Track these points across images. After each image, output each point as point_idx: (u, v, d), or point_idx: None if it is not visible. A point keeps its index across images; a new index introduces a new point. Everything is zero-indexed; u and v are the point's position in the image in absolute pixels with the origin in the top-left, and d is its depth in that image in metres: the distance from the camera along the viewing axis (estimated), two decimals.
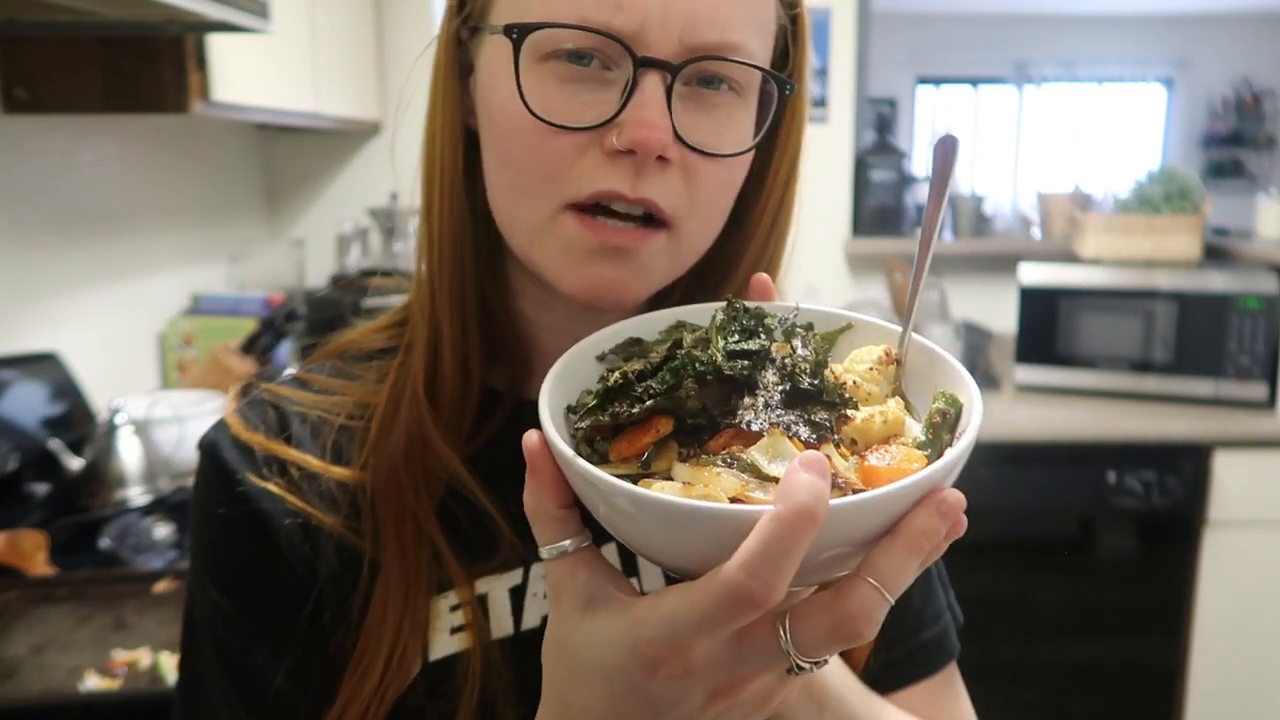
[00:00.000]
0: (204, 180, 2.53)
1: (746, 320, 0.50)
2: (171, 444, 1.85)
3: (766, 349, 0.48)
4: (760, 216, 0.63)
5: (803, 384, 0.46)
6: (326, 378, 0.66)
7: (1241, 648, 2.45)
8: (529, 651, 0.58)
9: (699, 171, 0.55)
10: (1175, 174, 2.76)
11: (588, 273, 0.55)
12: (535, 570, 0.61)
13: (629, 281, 0.55)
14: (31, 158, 1.86)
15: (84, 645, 1.27)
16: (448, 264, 0.61)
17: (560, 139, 0.53)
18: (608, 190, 0.53)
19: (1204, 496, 2.39)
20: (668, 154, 0.53)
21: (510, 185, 0.56)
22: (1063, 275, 2.65)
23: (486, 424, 0.63)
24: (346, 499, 0.61)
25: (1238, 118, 7.18)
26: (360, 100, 2.61)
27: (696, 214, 0.56)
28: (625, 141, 0.52)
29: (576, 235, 0.54)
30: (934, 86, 7.41)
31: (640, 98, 0.52)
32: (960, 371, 0.48)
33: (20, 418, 1.72)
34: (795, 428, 0.45)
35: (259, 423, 0.63)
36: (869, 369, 0.48)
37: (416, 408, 0.61)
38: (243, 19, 1.55)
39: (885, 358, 0.49)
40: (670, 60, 0.52)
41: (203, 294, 2.43)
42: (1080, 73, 7.19)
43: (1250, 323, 2.46)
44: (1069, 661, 2.53)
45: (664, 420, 0.46)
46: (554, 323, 0.64)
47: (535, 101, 0.53)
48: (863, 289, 3.09)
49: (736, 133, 0.56)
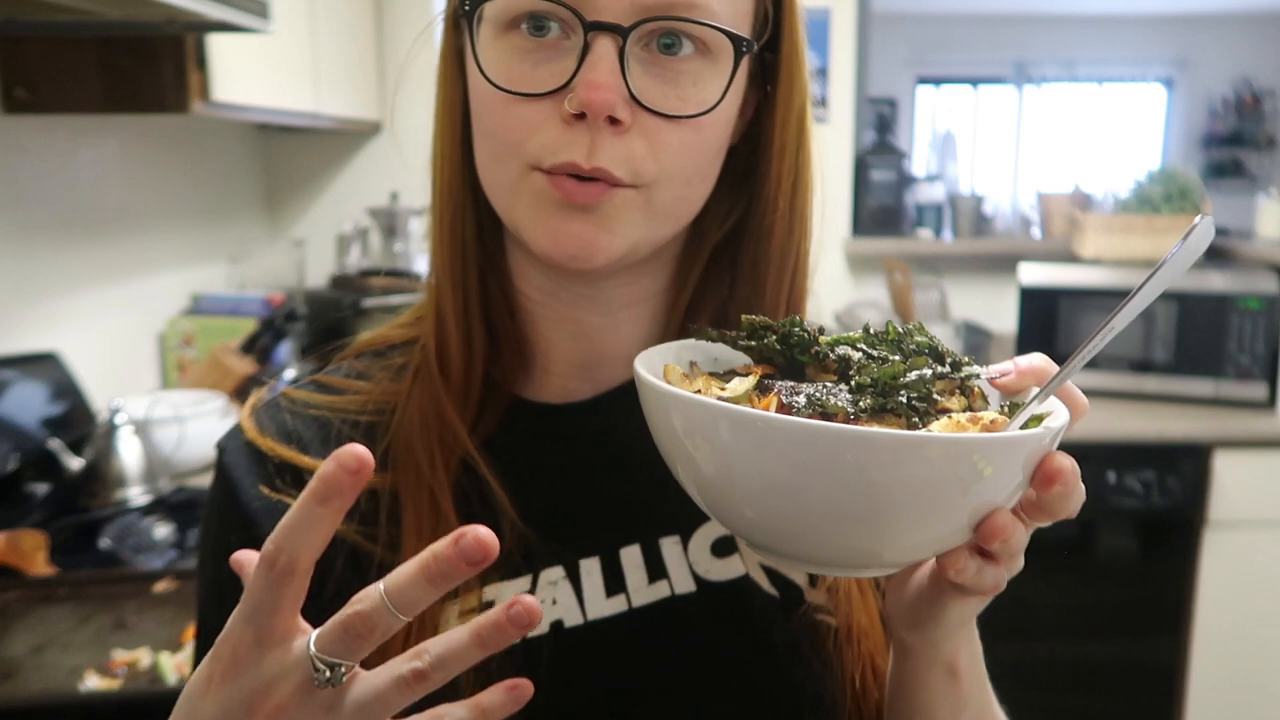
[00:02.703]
0: (204, 180, 2.53)
1: (910, 345, 0.52)
2: (171, 444, 1.85)
3: (889, 362, 0.49)
4: (778, 182, 0.62)
5: (888, 394, 0.47)
6: (343, 379, 0.66)
7: (1241, 648, 2.45)
8: (533, 658, 0.58)
9: (661, 134, 0.54)
10: (1175, 174, 2.76)
11: (555, 227, 0.55)
12: (544, 576, 0.61)
13: (597, 236, 0.55)
14: (31, 158, 1.86)
15: (84, 645, 1.27)
16: (446, 239, 0.62)
17: (522, 106, 0.54)
18: (565, 162, 0.53)
19: (1204, 496, 2.39)
20: (618, 114, 0.53)
21: (487, 155, 0.58)
22: (1063, 275, 2.65)
23: (483, 419, 0.63)
24: (361, 501, 0.60)
25: (1238, 118, 7.18)
26: (360, 100, 2.61)
27: (665, 177, 0.56)
28: (575, 104, 0.52)
29: (543, 189, 0.55)
30: (934, 86, 7.41)
31: (589, 60, 0.52)
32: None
33: (20, 418, 1.72)
34: (791, 393, 0.47)
35: (273, 427, 0.63)
36: (957, 422, 0.47)
37: (430, 379, 0.62)
38: (242, 19, 1.55)
39: (985, 425, 0.48)
40: (620, 23, 0.52)
41: (203, 294, 2.43)
42: (1080, 73, 7.19)
43: (1250, 323, 2.46)
44: (1069, 661, 2.53)
45: (763, 368, 0.50)
46: (556, 311, 0.63)
47: (499, 72, 0.54)
48: (863, 289, 3.09)
49: (701, 94, 0.55)
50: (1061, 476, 0.45)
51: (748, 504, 0.46)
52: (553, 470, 0.63)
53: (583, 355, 0.64)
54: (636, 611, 0.60)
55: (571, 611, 0.60)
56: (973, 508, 0.45)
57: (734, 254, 0.64)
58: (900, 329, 0.53)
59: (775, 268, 0.62)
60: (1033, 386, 0.51)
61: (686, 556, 0.62)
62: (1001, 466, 0.44)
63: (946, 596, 0.52)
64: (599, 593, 0.61)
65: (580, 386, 0.65)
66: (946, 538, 0.47)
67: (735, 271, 0.64)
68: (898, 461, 0.41)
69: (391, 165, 2.82)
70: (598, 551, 0.61)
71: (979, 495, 0.44)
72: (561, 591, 0.60)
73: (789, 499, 0.44)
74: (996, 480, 0.44)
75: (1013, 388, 0.51)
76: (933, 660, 0.58)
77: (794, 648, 0.61)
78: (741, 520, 0.48)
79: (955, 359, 0.52)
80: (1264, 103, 7.13)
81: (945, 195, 3.30)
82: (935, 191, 3.27)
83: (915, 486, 0.42)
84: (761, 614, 0.62)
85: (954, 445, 0.42)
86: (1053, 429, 0.45)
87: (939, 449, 0.42)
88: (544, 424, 0.64)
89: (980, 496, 0.44)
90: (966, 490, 0.43)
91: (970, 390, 0.51)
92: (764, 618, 0.61)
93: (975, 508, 0.45)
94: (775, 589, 0.62)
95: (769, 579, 0.62)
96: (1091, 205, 3.11)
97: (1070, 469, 0.46)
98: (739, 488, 0.45)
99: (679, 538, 0.62)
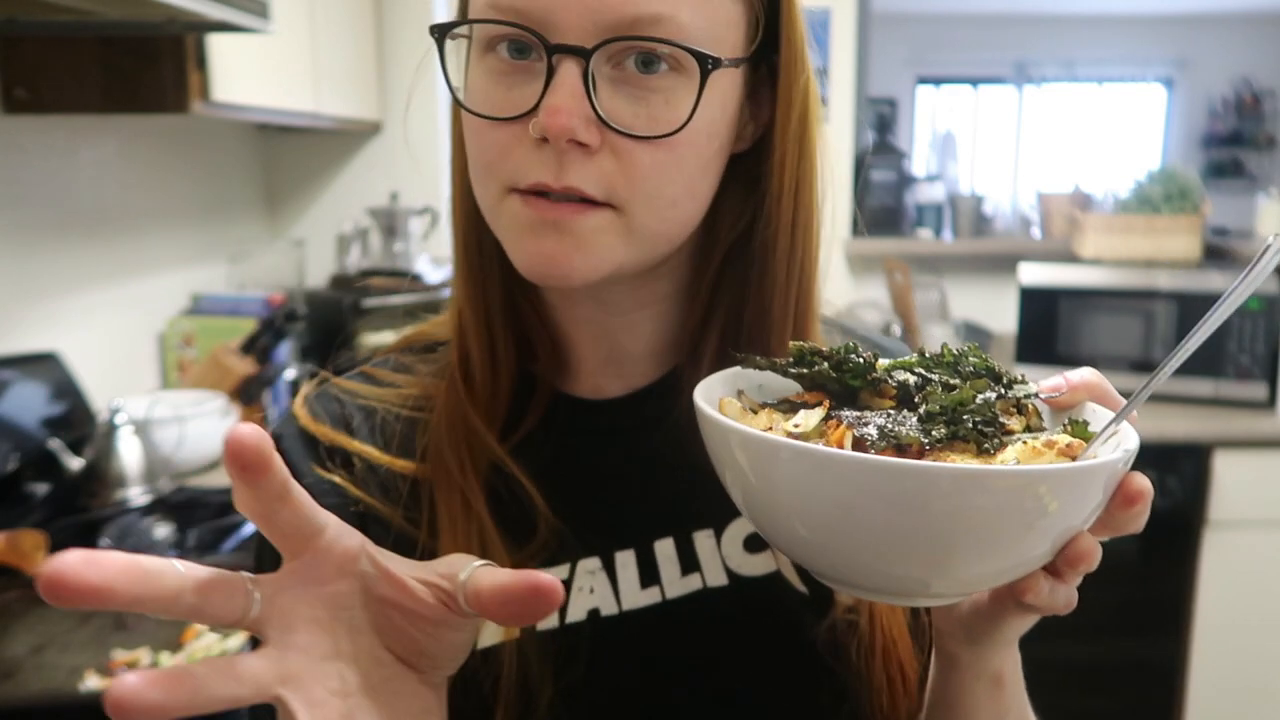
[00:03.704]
0: (204, 180, 2.53)
1: (966, 367, 0.51)
2: (171, 444, 1.85)
3: (949, 386, 0.49)
4: (780, 187, 0.61)
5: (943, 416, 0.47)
6: (390, 371, 0.68)
7: (1241, 647, 2.45)
8: (570, 644, 0.60)
9: (631, 154, 0.54)
10: (1175, 174, 2.76)
11: (530, 246, 0.56)
12: (582, 566, 0.62)
13: (571, 255, 0.55)
14: (31, 158, 1.86)
15: (84, 645, 1.27)
16: (462, 253, 0.64)
17: (495, 130, 0.55)
18: (536, 183, 0.54)
19: (1204, 496, 2.39)
20: (580, 138, 0.52)
21: (473, 176, 0.59)
22: (1063, 275, 2.65)
23: (527, 414, 0.64)
24: (406, 490, 0.62)
25: (1238, 118, 7.18)
26: (360, 100, 2.61)
27: (640, 197, 0.55)
28: (538, 129, 0.52)
29: (519, 211, 0.55)
30: (934, 86, 7.40)
31: (553, 83, 0.52)
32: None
33: (20, 418, 1.72)
34: (861, 425, 0.46)
35: (324, 415, 0.65)
36: (1033, 448, 0.47)
37: (454, 388, 0.63)
38: (242, 19, 1.55)
39: (1061, 449, 0.47)
40: (583, 45, 0.52)
41: (203, 294, 2.43)
42: (1080, 73, 7.19)
43: (1250, 323, 2.46)
44: (1069, 661, 2.53)
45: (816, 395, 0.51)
46: (573, 312, 0.65)
47: (478, 94, 0.55)
48: (863, 289, 3.09)
49: (673, 113, 0.54)
50: (1143, 498, 0.46)
51: (806, 531, 0.46)
52: (588, 464, 0.65)
53: (607, 353, 0.65)
54: (670, 603, 0.62)
55: (607, 601, 0.62)
56: (1057, 534, 0.45)
57: (745, 257, 0.63)
58: (955, 351, 0.52)
59: (783, 272, 0.62)
60: (1085, 400, 0.51)
61: (719, 550, 0.63)
62: (1085, 494, 0.44)
63: (1009, 614, 0.53)
64: (634, 584, 0.62)
65: (611, 383, 0.66)
66: (1028, 564, 0.47)
67: (746, 274, 0.64)
68: (1001, 491, 0.41)
69: (391, 165, 2.82)
70: (633, 544, 0.63)
71: (1063, 521, 0.44)
72: (598, 581, 0.62)
73: (860, 529, 0.43)
74: (1077, 507, 0.44)
75: (1066, 404, 0.52)
76: (980, 672, 0.58)
77: (822, 645, 0.62)
78: (796, 545, 0.48)
79: (1010, 377, 0.51)
80: (1264, 103, 7.13)
81: (945, 195, 3.30)
82: (935, 191, 3.27)
83: (1004, 516, 0.42)
84: (791, 610, 0.63)
85: (1059, 475, 0.42)
86: (1130, 451, 0.45)
87: (1051, 479, 0.42)
88: (581, 419, 0.66)
89: (1066, 522, 0.45)
90: (1045, 517, 0.43)
91: (1025, 408, 0.51)
92: (794, 614, 0.63)
93: (1059, 534, 0.45)
94: (806, 587, 0.63)
95: (800, 577, 0.63)
96: (1091, 205, 3.11)
97: (1149, 490, 0.46)
98: (804, 520, 0.45)
99: (712, 532, 0.64)
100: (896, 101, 6.53)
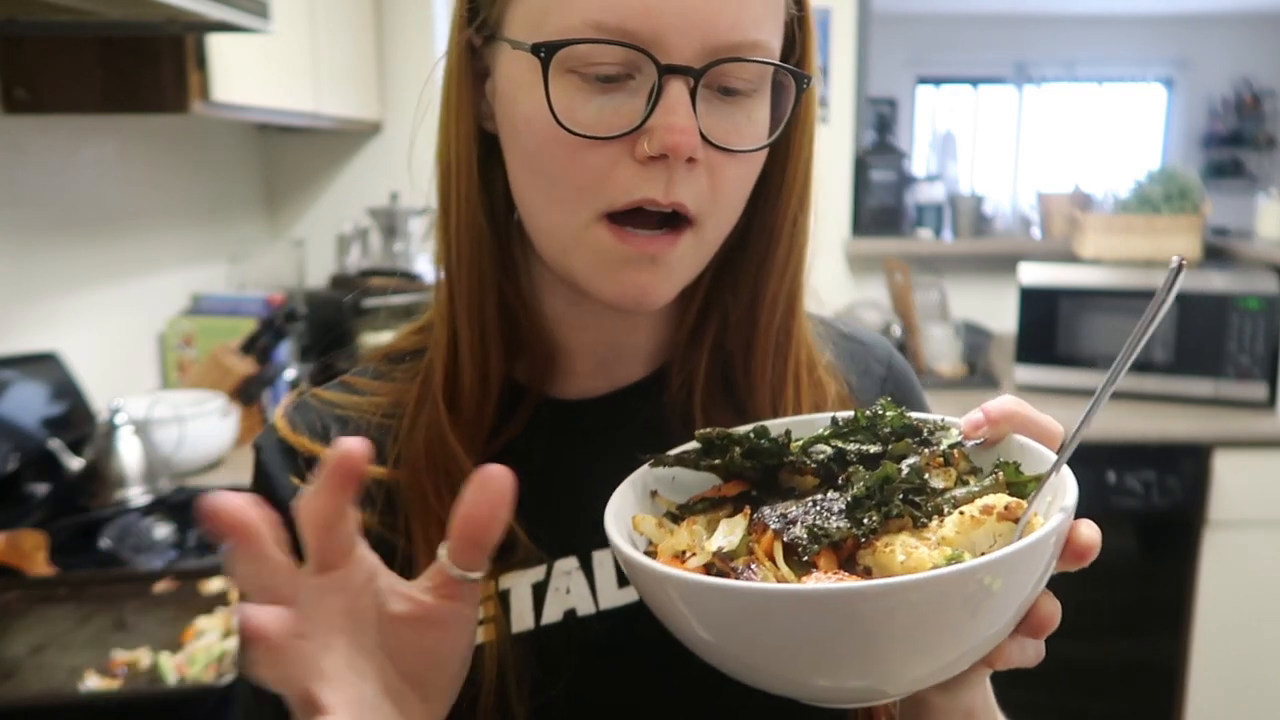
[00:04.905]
0: (204, 180, 2.53)
1: (883, 428, 0.51)
2: (171, 444, 1.85)
3: (869, 455, 0.49)
4: (789, 190, 0.63)
5: (863, 496, 0.46)
6: (368, 380, 0.68)
7: (1241, 648, 2.45)
8: (546, 645, 0.60)
9: (722, 168, 0.56)
10: (1175, 174, 2.76)
11: (625, 279, 0.57)
12: (558, 566, 0.62)
13: (660, 285, 0.57)
14: (31, 158, 1.86)
15: (84, 645, 1.27)
16: (465, 269, 0.62)
17: (592, 150, 0.54)
18: (644, 199, 0.54)
19: (1204, 496, 2.39)
20: (698, 155, 0.54)
21: (544, 197, 0.57)
22: (1063, 275, 2.65)
23: (510, 423, 0.64)
24: (381, 496, 0.62)
25: (1238, 118, 7.18)
26: (360, 100, 2.61)
27: (717, 210, 0.58)
28: (656, 147, 0.53)
29: (610, 246, 0.56)
30: (934, 86, 7.41)
31: (666, 103, 0.53)
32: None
33: (20, 418, 1.72)
34: (788, 528, 0.46)
35: (302, 425, 0.66)
36: (971, 517, 0.46)
37: (434, 411, 0.62)
38: (242, 19, 1.55)
39: (1000, 513, 0.46)
40: (692, 64, 0.53)
41: (203, 294, 2.43)
42: (1080, 73, 7.20)
43: (1250, 323, 2.46)
44: (1069, 661, 2.53)
45: (734, 485, 0.51)
46: (581, 319, 0.65)
47: (563, 113, 0.54)
48: (862, 289, 3.09)
49: (754, 128, 0.58)
50: (1093, 550, 0.46)
51: (756, 664, 0.45)
52: (569, 464, 0.65)
53: (603, 355, 0.66)
54: None
55: (584, 601, 0.62)
56: (1014, 608, 0.44)
57: (741, 255, 0.65)
58: (869, 414, 0.52)
59: (778, 270, 0.64)
60: (1009, 433, 0.51)
61: None
62: (1029, 568, 0.43)
63: (979, 670, 0.52)
64: (611, 583, 0.62)
65: (597, 384, 0.67)
66: (993, 640, 0.46)
67: (740, 272, 0.65)
68: (941, 589, 0.40)
69: (391, 165, 2.82)
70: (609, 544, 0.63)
71: (1017, 596, 0.44)
72: (575, 581, 0.62)
73: (806, 655, 0.43)
74: (1024, 580, 0.43)
75: (992, 440, 0.52)
76: (951, 712, 0.58)
77: None
78: (753, 676, 0.47)
79: (930, 427, 0.52)
80: (1264, 103, 7.13)
81: (945, 195, 3.29)
82: (935, 191, 3.27)
83: (946, 611, 0.41)
84: None
85: (975, 571, 0.40)
86: (1069, 507, 0.44)
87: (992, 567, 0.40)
88: (564, 420, 0.66)
89: (1020, 596, 0.44)
90: (984, 606, 0.42)
91: (952, 457, 0.51)
92: None
93: (1017, 608, 0.45)
94: None
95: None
96: (1091, 205, 3.11)
97: (1098, 540, 0.46)
98: (751, 652, 0.45)
99: None
100: (896, 101, 6.53)
